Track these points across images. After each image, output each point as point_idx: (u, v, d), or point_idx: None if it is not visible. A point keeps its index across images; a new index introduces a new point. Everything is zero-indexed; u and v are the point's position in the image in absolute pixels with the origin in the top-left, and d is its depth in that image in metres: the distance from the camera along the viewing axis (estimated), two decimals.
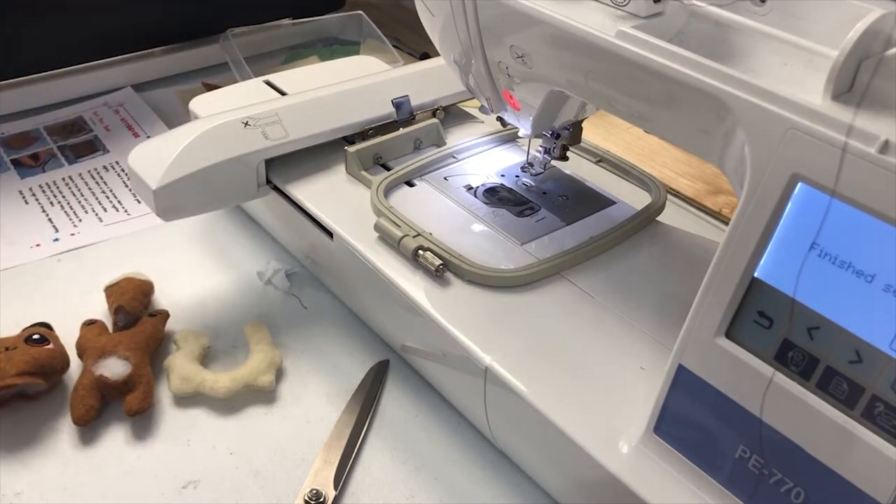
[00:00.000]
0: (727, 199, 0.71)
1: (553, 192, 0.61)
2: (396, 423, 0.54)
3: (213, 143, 0.59)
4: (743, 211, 0.35)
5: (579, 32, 0.42)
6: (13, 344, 0.53)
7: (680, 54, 0.38)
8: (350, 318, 0.61)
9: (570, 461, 0.44)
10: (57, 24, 0.85)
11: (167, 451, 0.51)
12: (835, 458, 0.34)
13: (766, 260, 0.35)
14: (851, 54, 0.32)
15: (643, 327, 0.49)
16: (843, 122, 0.32)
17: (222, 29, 0.91)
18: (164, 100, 0.90)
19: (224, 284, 0.64)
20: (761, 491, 0.37)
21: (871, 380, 0.33)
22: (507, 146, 0.67)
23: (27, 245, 0.68)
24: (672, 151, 0.78)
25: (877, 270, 0.32)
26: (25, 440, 0.51)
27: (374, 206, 0.58)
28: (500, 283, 0.52)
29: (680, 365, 0.39)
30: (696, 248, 0.57)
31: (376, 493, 0.49)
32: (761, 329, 0.36)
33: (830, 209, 0.32)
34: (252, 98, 0.67)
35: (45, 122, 0.85)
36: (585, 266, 0.54)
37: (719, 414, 0.38)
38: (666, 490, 0.40)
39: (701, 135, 0.40)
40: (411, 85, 0.67)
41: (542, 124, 0.55)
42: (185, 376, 0.54)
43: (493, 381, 0.47)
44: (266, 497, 0.48)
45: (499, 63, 0.51)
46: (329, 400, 0.55)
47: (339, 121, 0.64)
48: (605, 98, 0.45)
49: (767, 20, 0.40)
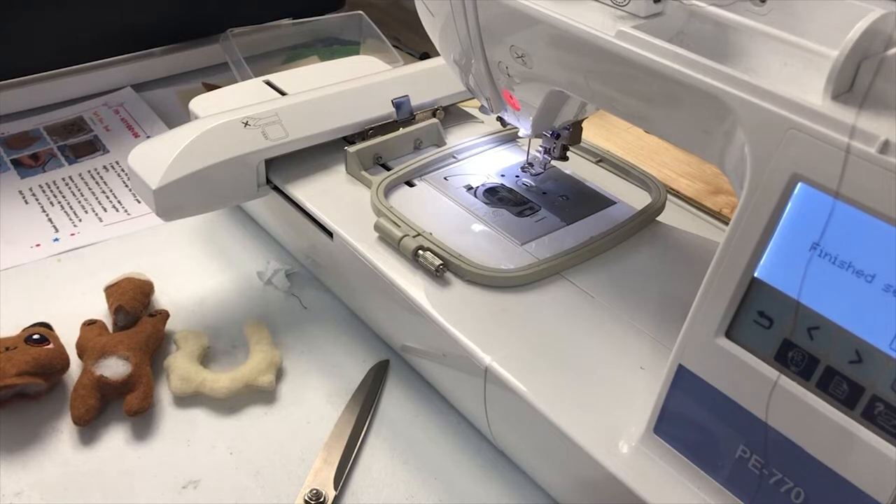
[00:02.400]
0: (727, 199, 0.71)
1: (553, 192, 0.61)
2: (396, 423, 0.54)
3: (213, 143, 0.59)
4: (743, 211, 0.35)
5: (579, 32, 0.42)
6: (13, 344, 0.53)
7: (680, 54, 0.38)
8: (350, 318, 0.61)
9: (570, 461, 0.44)
10: (57, 24, 0.85)
11: (167, 451, 0.51)
12: (835, 458, 0.34)
13: (766, 260, 0.35)
14: (851, 54, 0.32)
15: (643, 327, 0.49)
16: (844, 122, 0.32)
17: (222, 29, 0.91)
18: (164, 100, 0.90)
19: (224, 284, 0.64)
20: (761, 491, 0.37)
21: (871, 380, 0.33)
22: (507, 146, 0.67)
23: (27, 245, 0.68)
24: (672, 151, 0.78)
25: (877, 270, 0.32)
26: (25, 440, 0.51)
27: (374, 206, 0.58)
28: (500, 283, 0.52)
29: (680, 365, 0.39)
30: (696, 248, 0.57)
31: (376, 493, 0.49)
32: (761, 329, 0.36)
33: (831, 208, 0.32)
34: (252, 98, 0.67)
35: (45, 122, 0.85)
36: (585, 266, 0.54)
37: (719, 414, 0.38)
38: (666, 490, 0.40)
39: (701, 135, 0.40)
40: (411, 85, 0.67)
41: (542, 124, 0.55)
42: (185, 376, 0.54)
43: (493, 381, 0.47)
44: (266, 497, 0.48)
45: (499, 63, 0.51)
46: (329, 400, 0.55)
47: (339, 121, 0.64)
48: (605, 98, 0.45)
49: (767, 20, 0.40)
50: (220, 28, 0.91)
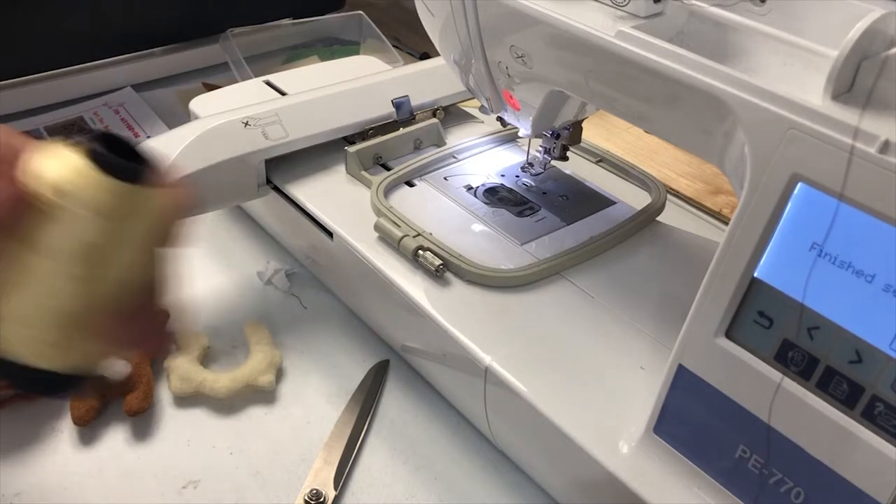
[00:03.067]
0: (727, 199, 0.71)
1: (553, 192, 0.61)
2: (396, 423, 0.54)
3: (212, 143, 0.59)
4: (743, 211, 0.35)
5: (579, 32, 0.42)
6: None
7: (680, 54, 0.38)
8: (350, 318, 0.61)
9: (570, 461, 0.44)
10: (57, 23, 0.85)
11: (167, 451, 0.51)
12: (835, 457, 0.34)
13: (766, 260, 0.35)
14: (851, 54, 0.32)
15: (643, 327, 0.49)
16: (844, 122, 0.32)
17: (222, 29, 0.91)
18: (164, 100, 0.90)
19: (224, 284, 0.64)
20: (761, 491, 0.37)
21: (871, 380, 0.33)
22: (507, 146, 0.67)
23: None
24: (672, 151, 0.78)
25: (877, 270, 0.32)
26: (25, 440, 0.51)
27: (374, 206, 0.58)
28: (500, 283, 0.52)
29: (680, 365, 0.39)
30: (696, 248, 0.57)
31: (376, 493, 0.49)
32: (761, 329, 0.36)
33: (835, 210, 0.32)
34: (252, 98, 0.67)
35: (45, 122, 0.85)
36: (585, 266, 0.54)
37: (719, 414, 0.38)
38: (666, 490, 0.40)
39: (701, 135, 0.40)
40: (411, 85, 0.67)
41: (542, 124, 0.55)
42: (185, 376, 0.54)
43: (493, 381, 0.47)
44: (266, 497, 0.48)
45: (499, 63, 0.51)
46: (329, 400, 0.55)
47: (339, 121, 0.64)
48: (605, 98, 0.45)
49: (767, 20, 0.40)
50: (220, 28, 0.91)
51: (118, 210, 0.32)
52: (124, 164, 0.32)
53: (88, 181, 0.31)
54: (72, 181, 0.31)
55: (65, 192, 0.31)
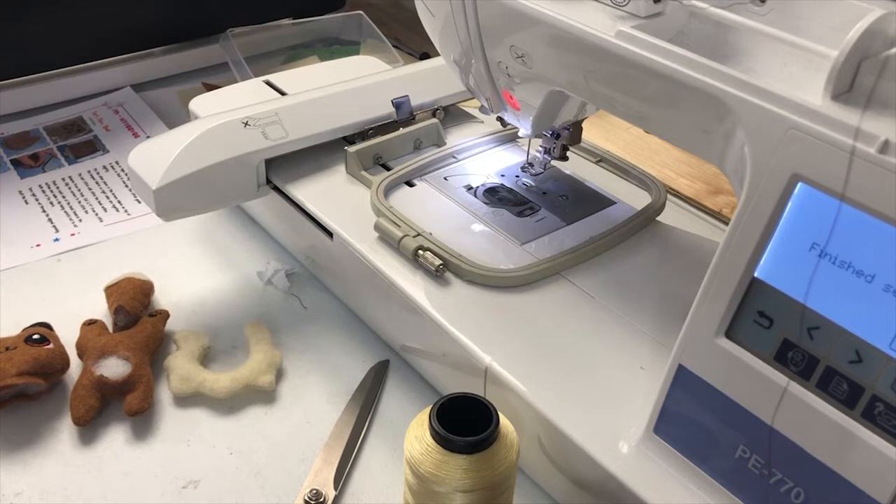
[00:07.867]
0: (727, 199, 0.71)
1: (553, 192, 0.61)
2: (396, 423, 0.54)
3: (213, 143, 0.59)
4: (743, 211, 0.35)
5: (579, 32, 0.42)
6: (13, 344, 0.53)
7: (680, 54, 0.38)
8: (350, 318, 0.61)
9: (570, 461, 0.44)
10: (57, 24, 0.85)
11: (167, 451, 0.51)
12: (835, 457, 0.34)
13: (765, 260, 0.35)
14: (851, 54, 0.32)
15: (643, 327, 0.49)
16: (844, 122, 0.32)
17: (222, 29, 0.91)
18: (164, 100, 0.90)
19: (224, 284, 0.64)
20: (761, 491, 0.37)
21: (871, 380, 0.33)
22: (507, 146, 0.67)
23: (27, 245, 0.68)
24: (672, 151, 0.78)
25: (877, 270, 0.32)
26: (25, 440, 0.51)
27: (374, 206, 0.58)
28: (500, 283, 0.52)
29: (680, 365, 0.39)
30: (696, 248, 0.57)
31: (376, 493, 0.49)
32: (761, 329, 0.36)
33: (834, 211, 0.32)
34: (252, 98, 0.67)
35: (45, 122, 0.85)
36: (585, 266, 0.54)
37: (719, 414, 0.38)
38: (666, 490, 0.40)
39: (701, 135, 0.40)
40: (411, 85, 0.67)
41: (542, 124, 0.55)
42: (185, 376, 0.54)
43: (493, 381, 0.47)
44: (266, 497, 0.48)
45: (499, 63, 0.51)
46: (329, 400, 0.55)
47: (339, 121, 0.64)
48: (605, 98, 0.45)
49: (767, 20, 0.40)
50: (220, 28, 0.91)
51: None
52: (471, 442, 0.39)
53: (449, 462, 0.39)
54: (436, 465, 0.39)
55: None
